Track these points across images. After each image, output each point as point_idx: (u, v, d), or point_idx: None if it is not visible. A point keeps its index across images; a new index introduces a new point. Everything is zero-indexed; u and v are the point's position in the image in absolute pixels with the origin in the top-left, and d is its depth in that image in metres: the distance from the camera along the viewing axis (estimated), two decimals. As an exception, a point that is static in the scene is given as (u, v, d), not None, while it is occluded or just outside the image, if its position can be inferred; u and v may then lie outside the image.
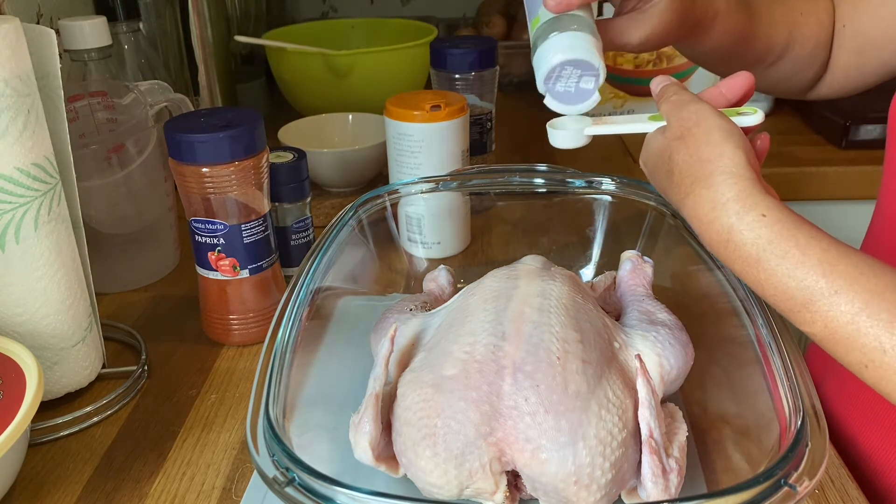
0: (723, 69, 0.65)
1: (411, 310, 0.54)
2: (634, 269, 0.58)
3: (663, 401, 0.47)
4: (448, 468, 0.41)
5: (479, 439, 0.41)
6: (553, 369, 0.42)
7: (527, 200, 0.69)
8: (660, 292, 0.57)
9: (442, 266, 0.63)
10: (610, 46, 0.55)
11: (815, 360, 0.67)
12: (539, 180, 0.63)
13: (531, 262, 0.55)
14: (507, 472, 0.42)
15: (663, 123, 0.49)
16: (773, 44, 0.63)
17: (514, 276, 0.51)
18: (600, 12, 1.10)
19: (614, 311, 0.56)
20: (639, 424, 0.43)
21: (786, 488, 0.36)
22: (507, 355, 0.43)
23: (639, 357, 0.46)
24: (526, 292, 0.48)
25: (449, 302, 0.53)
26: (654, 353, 0.47)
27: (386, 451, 0.45)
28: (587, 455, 0.40)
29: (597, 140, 0.53)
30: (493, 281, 0.51)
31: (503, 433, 0.41)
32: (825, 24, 0.64)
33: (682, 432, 0.45)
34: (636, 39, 0.55)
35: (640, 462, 0.42)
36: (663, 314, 0.52)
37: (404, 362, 0.48)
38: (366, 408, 0.44)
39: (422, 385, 0.44)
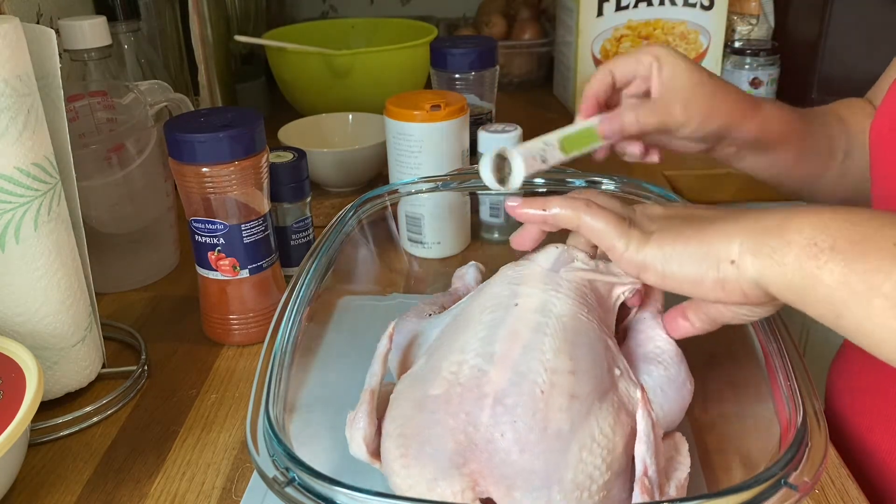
0: (801, 167, 0.63)
1: (430, 315, 0.53)
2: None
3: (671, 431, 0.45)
4: (420, 490, 0.40)
5: (452, 469, 0.39)
6: (535, 404, 0.40)
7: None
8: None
9: (472, 263, 0.61)
10: (658, 123, 0.55)
11: (837, 368, 0.67)
12: (539, 180, 0.63)
13: (541, 262, 0.50)
14: (485, 500, 0.40)
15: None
16: (834, 135, 0.63)
17: (518, 281, 0.48)
18: (600, 11, 1.11)
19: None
20: (630, 461, 0.41)
21: (786, 488, 0.36)
22: (490, 382, 0.41)
23: (641, 388, 0.43)
24: (524, 306, 0.46)
25: (461, 301, 0.52)
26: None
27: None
28: (562, 500, 0.38)
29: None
30: (496, 286, 0.49)
31: (477, 465, 0.39)
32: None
33: (684, 468, 0.42)
34: (677, 112, 0.55)
35: (630, 501, 0.40)
36: (662, 342, 0.48)
37: (408, 363, 0.48)
38: (361, 403, 0.44)
39: (408, 399, 0.43)
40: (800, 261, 0.36)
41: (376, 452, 0.44)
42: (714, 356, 0.51)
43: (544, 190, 0.63)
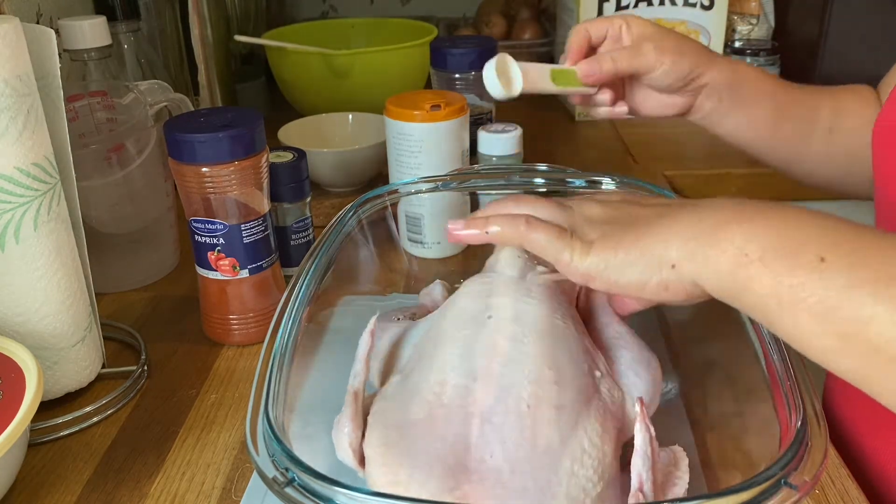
0: (781, 132, 0.65)
1: (398, 319, 0.53)
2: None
3: (665, 434, 0.45)
4: None
5: (443, 493, 0.39)
6: (521, 421, 0.39)
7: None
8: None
9: (437, 281, 0.62)
10: (632, 60, 0.60)
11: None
12: (539, 180, 0.63)
13: (507, 271, 0.51)
14: None
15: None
16: (819, 107, 0.64)
17: (487, 292, 0.48)
18: (600, 11, 1.11)
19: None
20: (620, 469, 0.40)
21: (786, 488, 0.36)
22: (475, 401, 0.41)
23: (640, 400, 0.42)
24: (499, 317, 0.45)
25: (432, 314, 0.51)
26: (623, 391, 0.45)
27: None
28: None
29: (596, 140, 0.53)
30: (466, 299, 0.48)
31: (469, 487, 0.39)
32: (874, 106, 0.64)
33: (682, 484, 0.42)
34: (649, 50, 0.60)
35: None
36: (617, 325, 0.49)
37: (388, 369, 0.47)
38: (345, 406, 0.43)
39: (388, 425, 0.42)
40: (732, 269, 0.37)
41: (363, 459, 0.43)
42: (714, 357, 0.51)
43: (544, 190, 0.63)
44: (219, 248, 0.60)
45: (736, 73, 0.62)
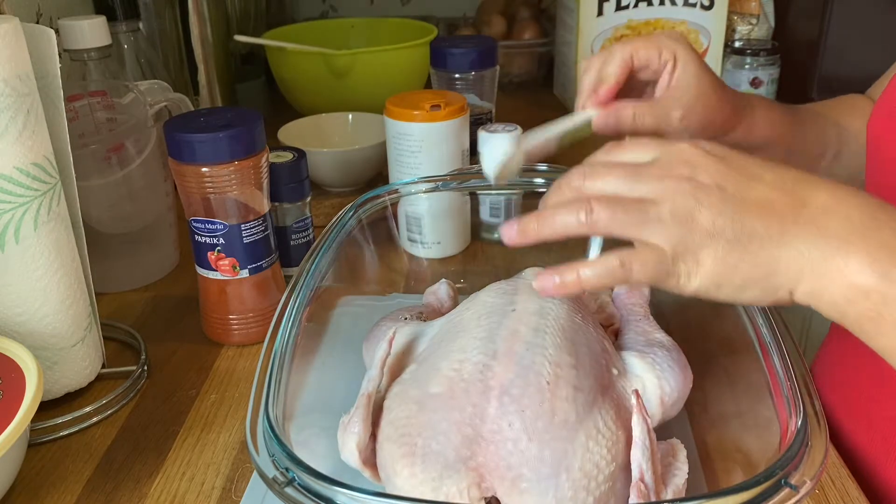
0: (789, 163, 0.64)
1: (406, 318, 0.54)
2: (631, 289, 0.57)
3: (666, 434, 0.46)
4: (424, 490, 0.40)
5: (458, 463, 0.39)
6: (541, 394, 0.41)
7: (527, 200, 0.69)
8: (659, 291, 0.56)
9: (443, 280, 0.62)
10: (655, 126, 0.54)
11: (819, 366, 0.67)
12: (539, 180, 0.63)
13: (531, 277, 0.53)
14: (489, 499, 0.40)
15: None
16: (826, 137, 0.63)
17: (512, 291, 0.50)
18: (600, 11, 1.11)
19: (611, 322, 0.55)
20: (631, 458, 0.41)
21: (786, 488, 0.36)
22: (495, 376, 0.42)
23: (636, 393, 0.43)
24: (523, 310, 0.47)
25: (447, 315, 0.52)
26: (654, 376, 0.46)
27: (373, 456, 0.44)
28: (570, 488, 0.38)
29: (597, 140, 0.53)
30: (489, 296, 0.50)
31: (484, 458, 0.39)
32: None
33: (682, 474, 0.42)
34: (675, 119, 0.54)
35: (629, 498, 0.40)
36: (660, 334, 0.50)
37: (395, 371, 0.47)
38: (356, 408, 0.44)
39: (407, 400, 0.43)
40: (860, 321, 0.38)
41: (368, 460, 0.43)
42: (714, 356, 0.51)
43: (544, 190, 0.63)
44: (219, 248, 0.60)
45: (750, 131, 0.58)
